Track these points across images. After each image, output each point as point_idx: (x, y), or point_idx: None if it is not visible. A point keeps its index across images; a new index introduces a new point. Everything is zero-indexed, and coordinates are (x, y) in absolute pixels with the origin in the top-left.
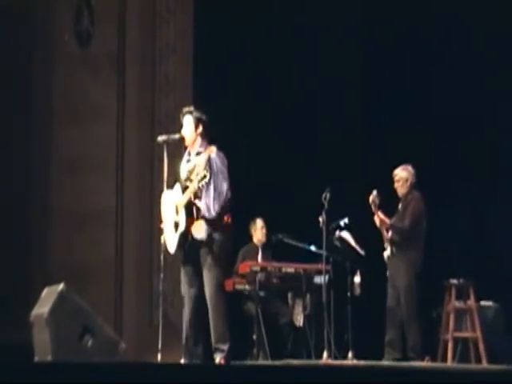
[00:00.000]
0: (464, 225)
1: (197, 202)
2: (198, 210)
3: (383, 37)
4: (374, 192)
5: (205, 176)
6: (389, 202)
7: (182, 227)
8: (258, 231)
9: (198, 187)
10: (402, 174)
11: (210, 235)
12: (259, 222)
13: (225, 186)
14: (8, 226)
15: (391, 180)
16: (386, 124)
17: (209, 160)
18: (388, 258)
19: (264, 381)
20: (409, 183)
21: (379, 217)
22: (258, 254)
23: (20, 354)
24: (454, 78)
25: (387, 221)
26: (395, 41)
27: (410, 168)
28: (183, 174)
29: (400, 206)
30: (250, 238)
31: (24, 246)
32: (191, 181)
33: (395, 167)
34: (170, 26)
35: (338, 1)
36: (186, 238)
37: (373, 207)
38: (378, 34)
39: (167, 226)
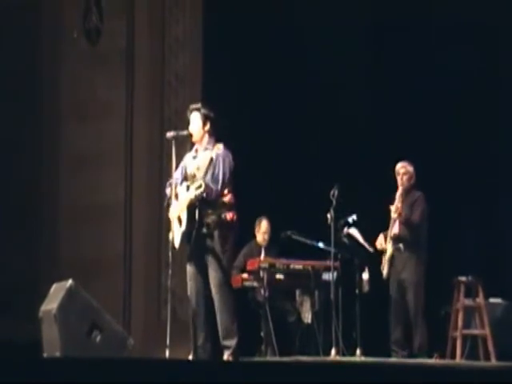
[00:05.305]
0: (472, 222)
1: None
2: (201, 209)
3: (393, 32)
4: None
5: (200, 186)
6: (388, 198)
7: (183, 227)
8: (260, 235)
9: (195, 196)
10: (409, 169)
11: (215, 231)
12: (263, 226)
13: (217, 186)
14: (18, 221)
15: (393, 173)
16: (393, 121)
17: (211, 160)
18: (392, 254)
19: (272, 377)
20: (413, 180)
21: (398, 208)
22: (260, 253)
23: (29, 350)
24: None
25: (402, 214)
26: (404, 37)
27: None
28: (190, 170)
29: (401, 201)
30: (255, 235)
31: (33, 242)
32: (193, 183)
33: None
34: (179, 22)
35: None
36: (188, 236)
37: (397, 199)
38: (388, 30)
39: (174, 214)
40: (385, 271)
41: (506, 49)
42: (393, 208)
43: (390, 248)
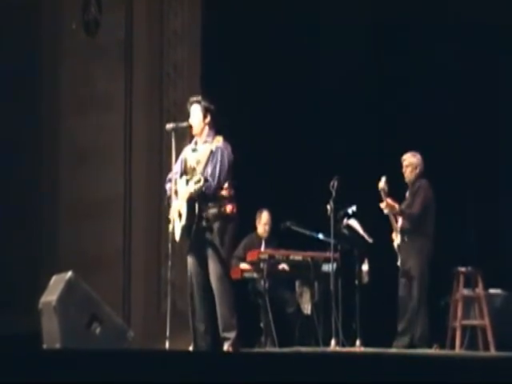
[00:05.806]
0: (472, 212)
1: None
2: (200, 203)
3: (393, 32)
4: (383, 179)
5: (199, 180)
6: (396, 190)
7: (183, 220)
8: (261, 226)
9: (194, 190)
10: (412, 160)
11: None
12: (264, 217)
13: (216, 179)
14: (18, 215)
15: (400, 165)
16: (394, 111)
17: (211, 153)
18: (398, 247)
19: (272, 368)
20: (418, 170)
21: (388, 203)
22: (260, 245)
23: (28, 342)
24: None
25: (397, 206)
26: (404, 37)
27: (418, 155)
28: (190, 163)
29: (408, 193)
30: (255, 227)
31: (33, 235)
32: (193, 177)
33: (403, 154)
34: (177, 14)
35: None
36: (188, 230)
37: (382, 194)
38: (388, 30)
39: (175, 212)
40: (399, 263)
41: (506, 49)
42: (382, 205)
43: (397, 240)
